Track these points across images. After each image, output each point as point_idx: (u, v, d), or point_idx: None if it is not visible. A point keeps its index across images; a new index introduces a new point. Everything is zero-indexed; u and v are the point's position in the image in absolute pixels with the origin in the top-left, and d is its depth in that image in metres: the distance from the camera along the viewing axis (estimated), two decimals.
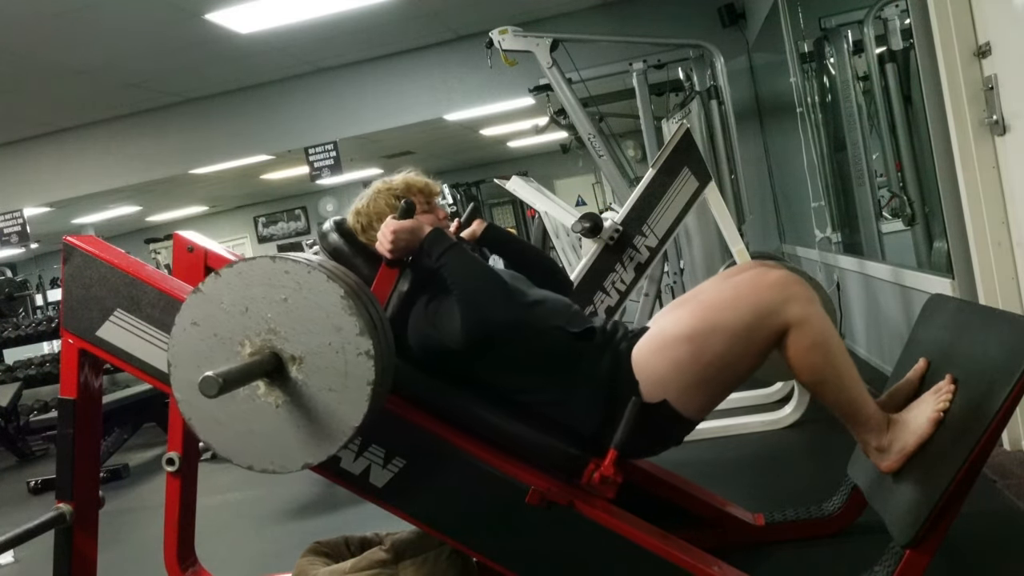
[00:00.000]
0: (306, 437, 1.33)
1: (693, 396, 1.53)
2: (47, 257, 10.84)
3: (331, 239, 1.79)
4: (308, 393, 1.32)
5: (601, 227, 2.82)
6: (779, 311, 1.46)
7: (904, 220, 3.29)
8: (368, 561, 1.63)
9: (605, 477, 1.50)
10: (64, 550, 1.73)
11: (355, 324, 1.30)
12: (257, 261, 1.34)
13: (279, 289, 1.32)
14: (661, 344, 1.54)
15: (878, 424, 1.51)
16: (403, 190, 1.78)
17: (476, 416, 1.59)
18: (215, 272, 1.34)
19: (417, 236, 1.64)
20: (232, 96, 6.07)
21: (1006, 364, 1.33)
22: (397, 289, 1.67)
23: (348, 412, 1.31)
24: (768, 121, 5.33)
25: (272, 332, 1.32)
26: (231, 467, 4.36)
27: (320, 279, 1.31)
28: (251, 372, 1.28)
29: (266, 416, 1.33)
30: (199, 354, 1.33)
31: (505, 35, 3.55)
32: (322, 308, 1.31)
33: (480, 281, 1.59)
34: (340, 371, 1.31)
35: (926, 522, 1.36)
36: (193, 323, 1.34)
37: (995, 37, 2.04)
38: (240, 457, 1.37)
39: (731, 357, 1.49)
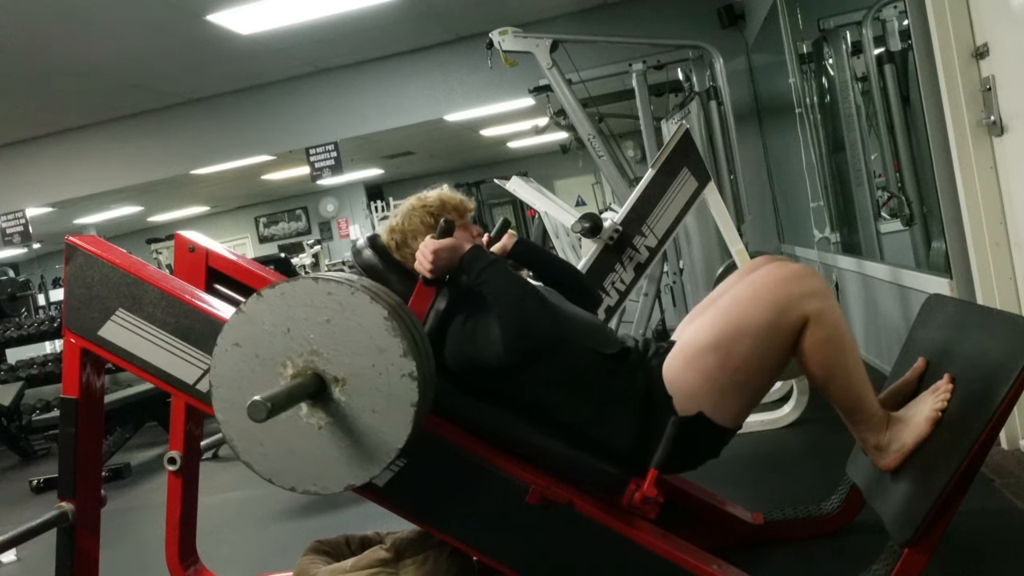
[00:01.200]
0: (348, 458, 1.33)
1: (727, 404, 1.52)
2: (49, 257, 10.83)
3: (365, 256, 1.79)
4: (351, 415, 1.31)
5: (601, 227, 2.82)
6: (797, 305, 1.46)
7: (902, 220, 3.30)
8: (369, 560, 1.64)
9: (647, 498, 1.49)
10: (66, 549, 1.74)
11: (398, 345, 1.30)
12: (300, 282, 1.33)
13: (322, 310, 1.31)
14: (689, 356, 1.53)
15: (879, 422, 1.51)
16: (437, 207, 1.78)
17: (513, 434, 1.59)
18: (257, 293, 1.34)
19: (457, 254, 1.64)
20: (233, 97, 6.07)
21: (1004, 363, 1.34)
22: (434, 307, 1.66)
23: (391, 434, 1.31)
24: (767, 122, 5.34)
25: (315, 353, 1.31)
26: (232, 466, 4.36)
27: (363, 300, 1.31)
28: (297, 395, 1.28)
29: (308, 437, 1.33)
30: (241, 375, 1.33)
31: (505, 36, 3.56)
32: (365, 329, 1.30)
33: (521, 298, 1.59)
34: (383, 393, 1.30)
35: (924, 521, 1.37)
36: (235, 344, 1.34)
37: (993, 38, 2.04)
38: (281, 478, 1.36)
39: (758, 358, 1.49)
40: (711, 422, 1.53)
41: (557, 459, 1.56)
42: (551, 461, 1.56)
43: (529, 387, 1.61)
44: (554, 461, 1.56)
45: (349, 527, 1.96)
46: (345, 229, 10.81)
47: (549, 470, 1.56)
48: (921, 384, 1.62)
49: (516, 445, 1.58)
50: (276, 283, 1.35)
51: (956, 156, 2.16)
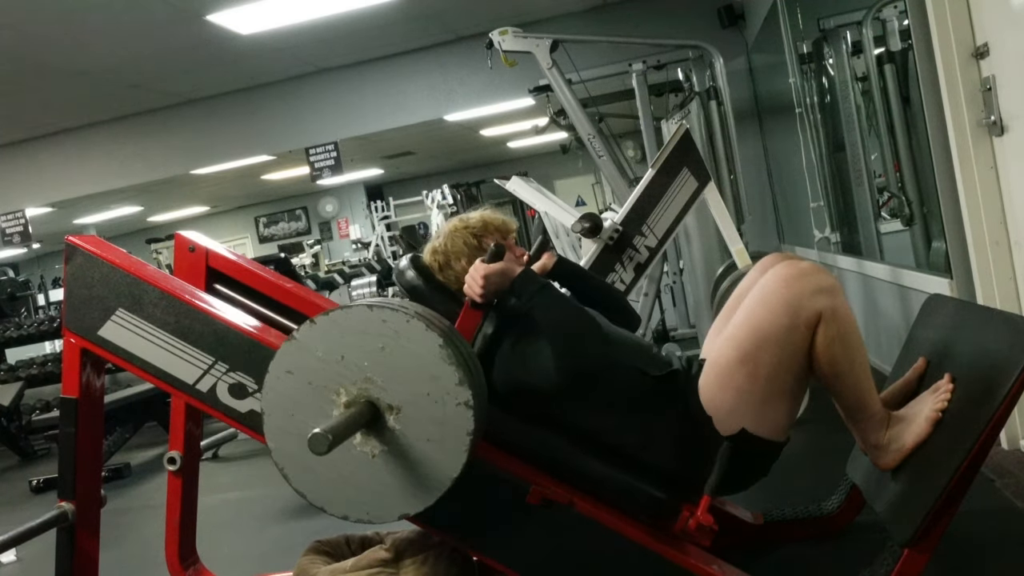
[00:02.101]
0: (402, 487, 1.31)
1: (767, 415, 1.51)
2: (49, 257, 10.83)
3: (408, 276, 1.79)
4: (405, 443, 1.30)
5: (601, 227, 2.82)
6: (808, 302, 1.46)
7: (902, 220, 3.30)
8: (369, 560, 1.64)
9: (702, 525, 1.47)
10: (66, 549, 1.73)
11: (454, 374, 1.29)
12: (354, 309, 1.33)
13: (376, 338, 1.30)
14: (718, 375, 1.52)
15: (880, 421, 1.51)
16: (480, 228, 1.78)
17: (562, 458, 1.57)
18: (310, 320, 1.33)
19: (508, 278, 1.62)
20: (233, 97, 6.07)
21: (1004, 363, 1.34)
22: (482, 331, 1.65)
23: (446, 463, 1.30)
24: (767, 122, 5.33)
25: (368, 381, 1.31)
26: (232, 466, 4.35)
27: (419, 328, 1.30)
28: (354, 424, 1.27)
29: (362, 466, 1.32)
30: (293, 403, 1.32)
31: (505, 36, 3.56)
32: (420, 357, 1.29)
33: (574, 323, 1.58)
34: (438, 421, 1.29)
35: (924, 521, 1.37)
36: (287, 371, 1.33)
37: (993, 38, 2.04)
38: (333, 507, 1.35)
39: (785, 362, 1.48)
40: (756, 437, 1.51)
41: (606, 483, 1.55)
42: (599, 485, 1.55)
43: (578, 410, 1.59)
44: (602, 485, 1.55)
45: (349, 527, 1.96)
46: (345, 229, 10.81)
47: (596, 494, 1.54)
48: (921, 384, 1.62)
49: (564, 469, 1.56)
50: (329, 310, 1.34)
51: (956, 156, 2.16)
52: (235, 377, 1.61)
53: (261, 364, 1.58)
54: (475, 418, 1.30)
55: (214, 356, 1.62)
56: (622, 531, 1.52)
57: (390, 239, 9.17)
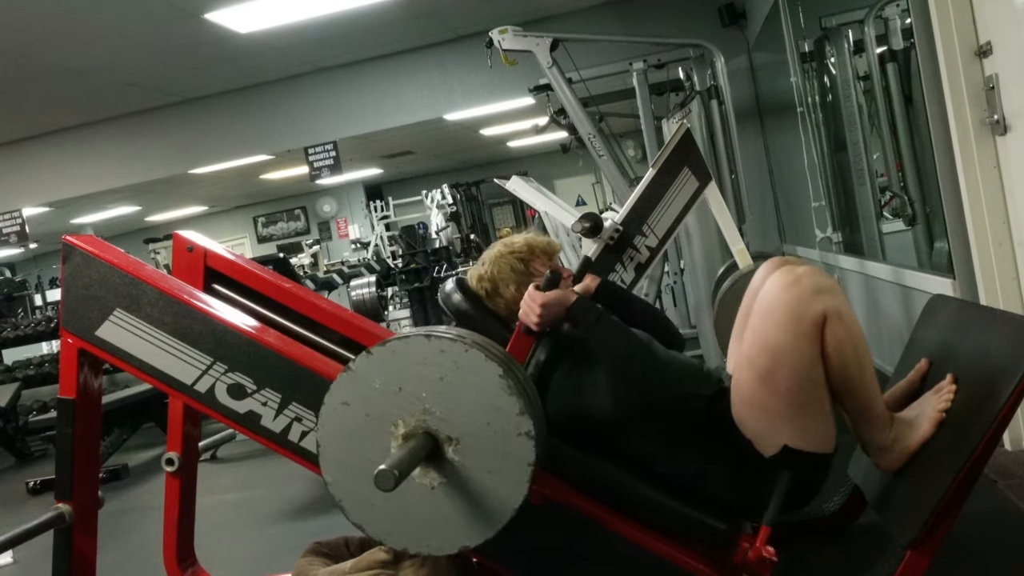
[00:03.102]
0: (464, 519, 1.30)
1: (804, 427, 1.47)
2: (46, 257, 10.82)
3: (455, 300, 1.77)
4: (465, 475, 1.29)
5: (601, 227, 2.81)
6: (808, 306, 1.43)
7: (905, 220, 3.29)
8: (368, 561, 1.63)
9: (763, 557, 1.44)
10: (63, 550, 1.72)
11: (515, 404, 1.28)
12: (412, 340, 1.31)
13: (435, 368, 1.29)
14: (744, 399, 1.50)
15: (883, 422, 1.50)
16: (525, 252, 1.76)
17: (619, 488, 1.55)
18: (367, 351, 1.32)
19: (564, 306, 1.59)
20: (231, 96, 6.06)
21: (1007, 364, 1.33)
22: (535, 357, 1.62)
23: (508, 494, 1.29)
24: (768, 121, 5.33)
25: (427, 412, 1.29)
26: (231, 467, 4.34)
27: (478, 358, 1.29)
28: (417, 457, 1.26)
29: (422, 498, 1.31)
30: (351, 434, 1.31)
31: (505, 35, 3.55)
32: (480, 388, 1.28)
33: (633, 351, 1.57)
34: (499, 452, 1.28)
35: (927, 522, 1.36)
36: (344, 403, 1.32)
37: (996, 36, 2.04)
38: (393, 539, 1.35)
39: (803, 372, 1.45)
40: (801, 452, 1.47)
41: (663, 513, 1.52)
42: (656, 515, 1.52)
43: (634, 438, 1.56)
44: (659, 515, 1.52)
45: (348, 528, 1.95)
46: (344, 229, 10.81)
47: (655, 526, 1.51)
48: (924, 385, 1.61)
49: (621, 500, 1.54)
50: (386, 340, 1.33)
51: (959, 155, 2.15)
52: (233, 378, 1.59)
53: (259, 364, 1.58)
54: (536, 448, 1.28)
55: (212, 356, 1.61)
56: (622, 533, 1.50)
57: (389, 239, 9.17)
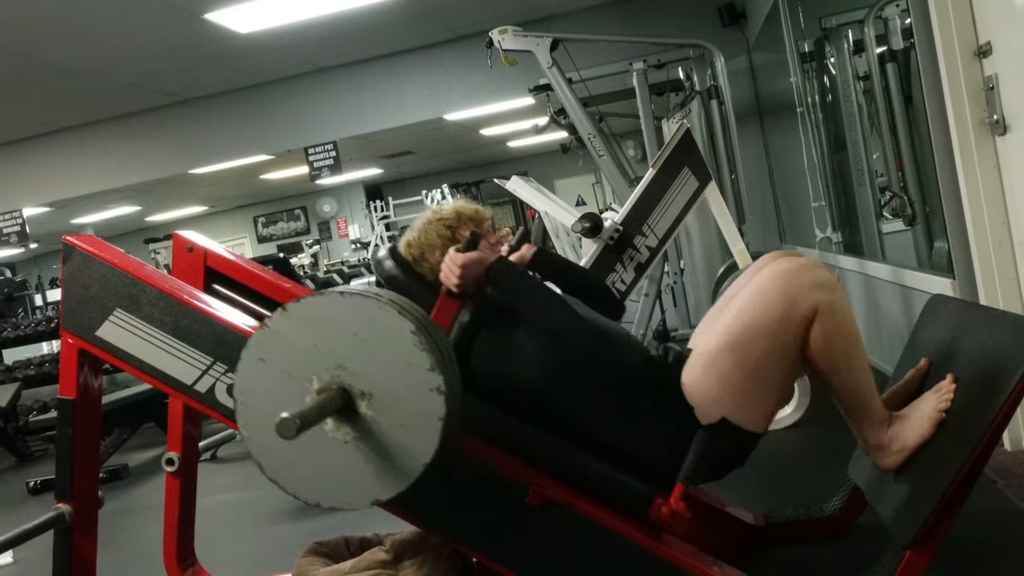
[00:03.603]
0: (376, 474, 1.31)
1: (750, 406, 1.50)
2: (46, 257, 10.83)
3: (387, 267, 1.78)
4: (378, 429, 1.30)
5: (601, 227, 2.81)
6: (805, 296, 1.44)
7: (904, 220, 3.29)
8: (368, 561, 1.63)
9: (675, 512, 1.46)
10: (63, 550, 1.72)
11: (426, 360, 1.28)
12: (327, 297, 1.32)
13: (349, 324, 1.30)
14: (705, 363, 1.51)
15: (881, 420, 1.51)
16: (453, 219, 1.77)
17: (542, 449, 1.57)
18: (282, 307, 1.32)
19: (483, 267, 1.61)
20: (232, 96, 6.06)
21: (1007, 364, 1.33)
22: (459, 320, 1.63)
23: (419, 448, 1.30)
24: (768, 121, 5.33)
25: (341, 368, 1.30)
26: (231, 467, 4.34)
27: (391, 315, 1.29)
28: (324, 410, 1.26)
29: (335, 453, 1.32)
30: (268, 390, 1.32)
31: (505, 35, 3.55)
32: (393, 344, 1.29)
33: (551, 311, 1.58)
34: (411, 407, 1.29)
35: (927, 522, 1.36)
36: (260, 359, 1.32)
37: (996, 37, 2.04)
38: (308, 494, 1.35)
39: (774, 355, 1.47)
40: (736, 427, 1.50)
41: (585, 474, 1.54)
42: (581, 477, 1.54)
43: (557, 400, 1.58)
44: (582, 476, 1.54)
45: (348, 528, 1.95)
46: (344, 229, 10.81)
47: (577, 485, 1.53)
48: (924, 385, 1.61)
49: (544, 460, 1.55)
50: (302, 297, 1.34)
51: (959, 155, 2.15)
52: (234, 377, 1.59)
53: None
54: (447, 404, 1.30)
55: (212, 356, 1.61)
56: (622, 532, 1.50)
57: (389, 239, 9.17)
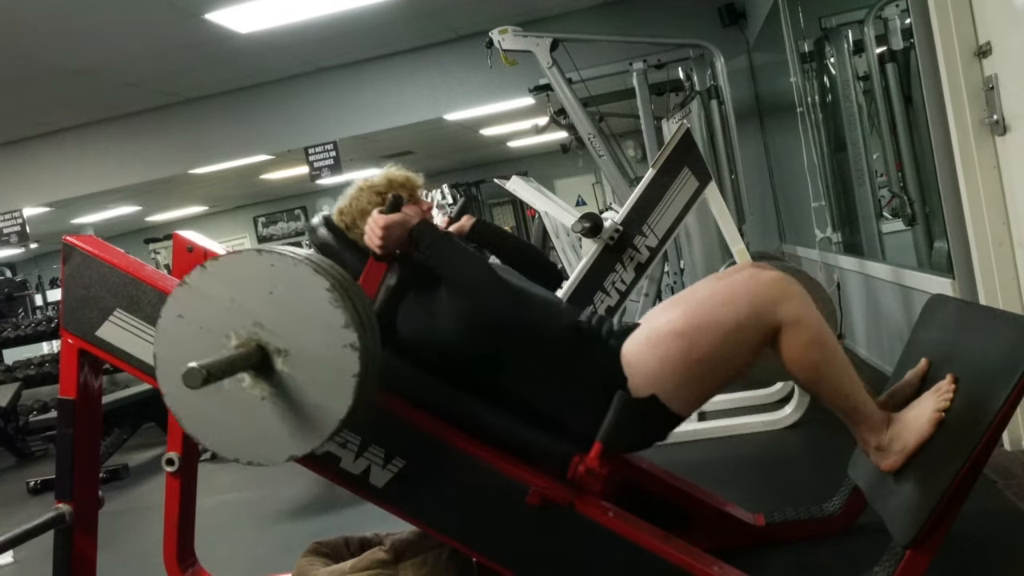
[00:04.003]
0: (292, 430, 1.33)
1: (682, 391, 1.53)
2: (46, 257, 10.83)
3: (320, 234, 1.80)
4: (294, 386, 1.32)
5: (601, 227, 2.81)
6: (773, 309, 1.46)
7: (904, 220, 3.29)
8: (368, 561, 1.63)
9: (590, 470, 1.49)
10: (64, 550, 1.73)
11: (340, 317, 1.30)
12: (244, 254, 1.34)
13: (265, 282, 1.32)
14: (652, 339, 1.54)
15: (877, 422, 1.51)
16: (384, 186, 1.78)
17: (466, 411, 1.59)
18: (201, 265, 1.34)
19: (405, 229, 1.63)
20: (232, 96, 6.06)
21: (1007, 364, 1.33)
22: (385, 283, 1.66)
23: (334, 405, 1.32)
24: (768, 121, 5.33)
25: (258, 325, 1.32)
26: (231, 467, 4.32)
27: (306, 272, 1.32)
28: (235, 364, 1.28)
29: (252, 409, 1.34)
30: (185, 347, 1.33)
31: (505, 35, 3.55)
32: (308, 301, 1.31)
33: (472, 273, 1.59)
34: (325, 364, 1.31)
35: (927, 522, 1.36)
36: (179, 316, 1.34)
37: (995, 37, 2.04)
38: (226, 450, 1.37)
39: (723, 353, 1.49)
40: (664, 406, 1.53)
41: (508, 435, 1.57)
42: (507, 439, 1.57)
43: (482, 363, 1.61)
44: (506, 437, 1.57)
45: (348, 528, 1.95)
46: None
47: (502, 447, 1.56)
48: (923, 385, 1.61)
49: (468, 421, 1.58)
50: (220, 255, 1.36)
51: (958, 155, 2.15)
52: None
53: None
54: (362, 361, 1.31)
55: None
56: (622, 532, 1.50)
57: None
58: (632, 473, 1.96)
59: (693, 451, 2.80)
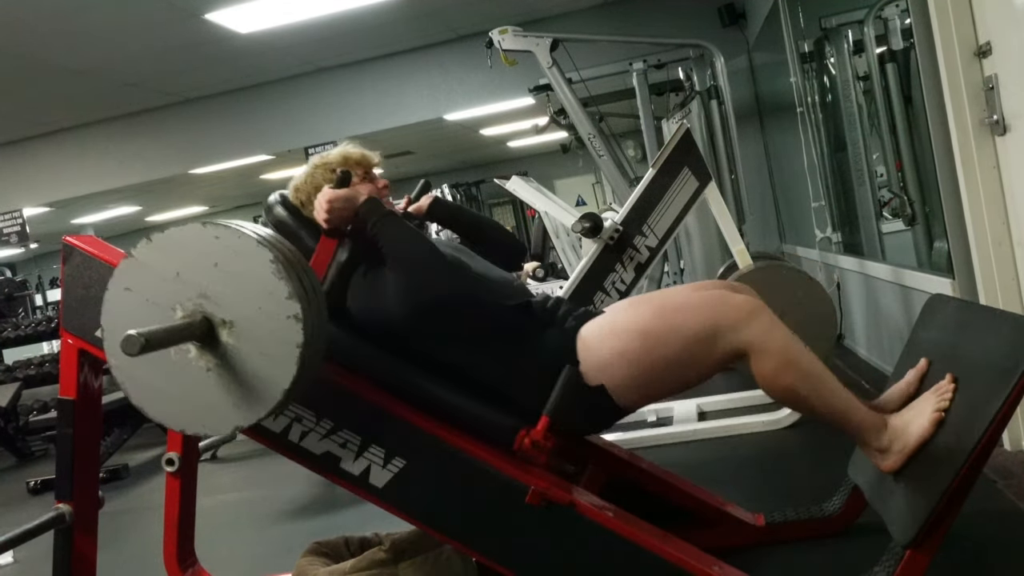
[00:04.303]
0: (237, 401, 1.34)
1: (631, 389, 1.56)
2: (47, 257, 10.83)
3: (276, 212, 1.81)
4: (239, 357, 1.33)
5: (601, 227, 2.81)
6: (738, 332, 1.48)
7: (904, 220, 3.29)
8: (368, 561, 1.63)
9: (535, 442, 1.51)
10: (64, 550, 1.72)
11: (284, 288, 1.31)
12: (188, 227, 1.35)
13: (210, 254, 1.33)
14: (613, 332, 1.56)
15: (872, 427, 1.51)
16: (339, 163, 1.78)
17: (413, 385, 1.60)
18: (147, 238, 1.36)
19: (352, 204, 1.64)
20: (232, 96, 6.06)
21: (1006, 364, 1.33)
22: (336, 259, 1.67)
23: (278, 375, 1.33)
24: (768, 121, 5.33)
25: (204, 297, 1.33)
26: (231, 467, 4.33)
27: (250, 244, 1.33)
28: (176, 334, 1.29)
29: (198, 380, 1.35)
30: (132, 320, 1.33)
31: (505, 35, 3.55)
32: (252, 273, 1.32)
33: (415, 252, 1.60)
34: (270, 335, 1.32)
35: (927, 522, 1.36)
36: (126, 288, 1.36)
37: (995, 37, 2.04)
38: (173, 421, 1.38)
39: (680, 363, 1.52)
40: (609, 398, 1.55)
41: (456, 409, 1.58)
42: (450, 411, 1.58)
43: (429, 341, 1.62)
44: (453, 411, 1.58)
45: (348, 528, 1.95)
46: None
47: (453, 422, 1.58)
48: (923, 385, 1.61)
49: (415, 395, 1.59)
50: (165, 227, 1.37)
51: (958, 155, 2.15)
52: None
53: None
54: (305, 331, 1.32)
55: None
56: (622, 532, 1.50)
57: None
58: (632, 473, 1.96)
59: (693, 451, 2.80)
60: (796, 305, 2.74)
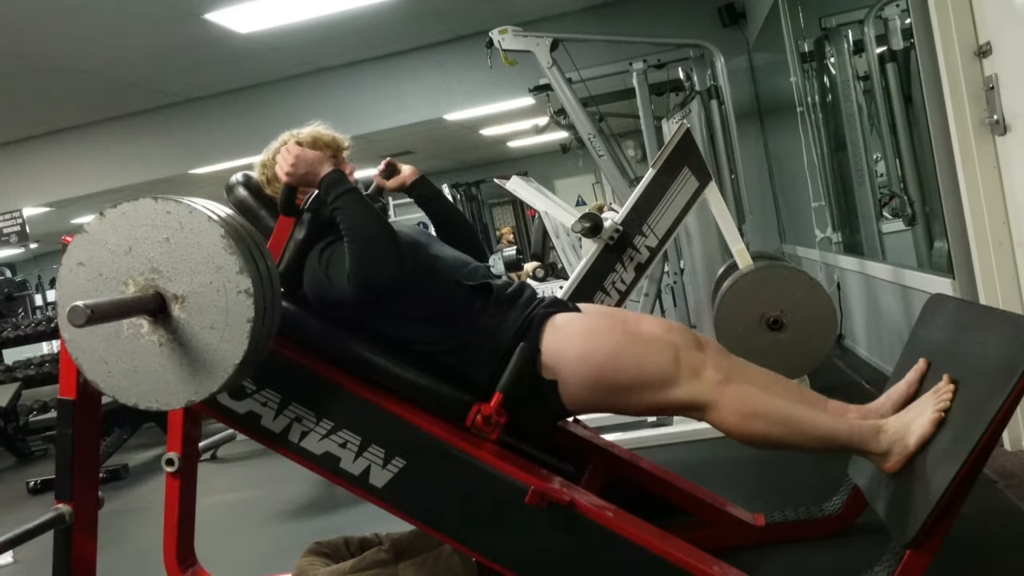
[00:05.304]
0: (189, 375, 1.36)
1: (579, 396, 1.58)
2: (46, 257, 10.83)
3: (237, 193, 1.81)
4: (190, 331, 1.35)
5: (601, 227, 2.81)
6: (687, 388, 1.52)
7: (904, 220, 3.29)
8: (368, 561, 1.63)
9: (487, 417, 1.53)
10: (63, 551, 1.72)
11: (235, 263, 1.32)
12: (140, 202, 1.37)
13: (162, 229, 1.35)
14: (585, 332, 1.58)
15: (863, 437, 1.51)
16: (309, 142, 1.78)
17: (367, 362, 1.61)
18: (100, 212, 1.37)
19: (315, 170, 1.64)
20: (231, 96, 6.06)
21: (1006, 364, 1.33)
22: (293, 237, 1.68)
23: (229, 350, 1.34)
24: (768, 121, 5.33)
25: (155, 271, 1.35)
26: (231, 467, 4.33)
27: (201, 219, 1.34)
28: (124, 307, 1.30)
29: (150, 354, 1.36)
30: (85, 294, 1.35)
31: (505, 35, 3.55)
32: (203, 247, 1.34)
33: (374, 229, 1.59)
34: (221, 309, 1.33)
35: (926, 522, 1.36)
36: (79, 263, 1.37)
37: (996, 37, 2.04)
38: (125, 395, 1.39)
39: (632, 394, 1.56)
40: (557, 396, 1.57)
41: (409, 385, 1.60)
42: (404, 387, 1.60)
43: (382, 319, 1.63)
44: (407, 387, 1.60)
45: (348, 528, 1.95)
46: None
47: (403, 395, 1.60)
48: (923, 385, 1.61)
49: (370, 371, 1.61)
50: (117, 203, 1.39)
51: (959, 155, 2.15)
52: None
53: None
54: (256, 306, 1.33)
55: None
56: (622, 532, 1.50)
57: None
58: (632, 473, 1.96)
59: (693, 451, 2.80)
60: (796, 305, 2.74)
